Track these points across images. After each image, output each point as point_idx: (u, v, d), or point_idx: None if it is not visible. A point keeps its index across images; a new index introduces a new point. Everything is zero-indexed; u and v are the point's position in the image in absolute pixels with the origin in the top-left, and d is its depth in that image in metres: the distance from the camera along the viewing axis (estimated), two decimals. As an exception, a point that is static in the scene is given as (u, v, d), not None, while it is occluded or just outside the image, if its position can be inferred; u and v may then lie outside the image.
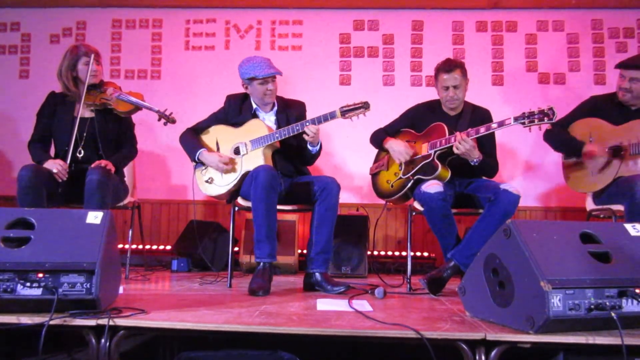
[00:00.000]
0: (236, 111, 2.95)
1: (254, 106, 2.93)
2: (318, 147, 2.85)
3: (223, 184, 2.85)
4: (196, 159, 2.89)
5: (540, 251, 1.60)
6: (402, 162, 2.85)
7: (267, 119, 2.94)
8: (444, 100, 2.90)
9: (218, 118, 2.99)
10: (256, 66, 2.78)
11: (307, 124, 2.70)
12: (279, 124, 2.91)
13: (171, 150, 4.28)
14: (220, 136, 2.94)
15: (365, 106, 2.64)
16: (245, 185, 2.77)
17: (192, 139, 2.94)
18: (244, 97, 2.98)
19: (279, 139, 2.76)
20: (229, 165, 2.81)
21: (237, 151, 2.86)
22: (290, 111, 2.95)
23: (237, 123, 2.92)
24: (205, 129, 2.99)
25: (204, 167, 2.93)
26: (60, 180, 2.70)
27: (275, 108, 2.97)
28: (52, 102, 2.95)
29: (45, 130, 2.93)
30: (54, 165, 2.69)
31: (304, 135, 2.71)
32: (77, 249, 1.74)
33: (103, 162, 2.76)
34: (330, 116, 2.69)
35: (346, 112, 2.66)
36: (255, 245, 2.60)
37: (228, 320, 1.74)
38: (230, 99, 3.00)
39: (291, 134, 2.73)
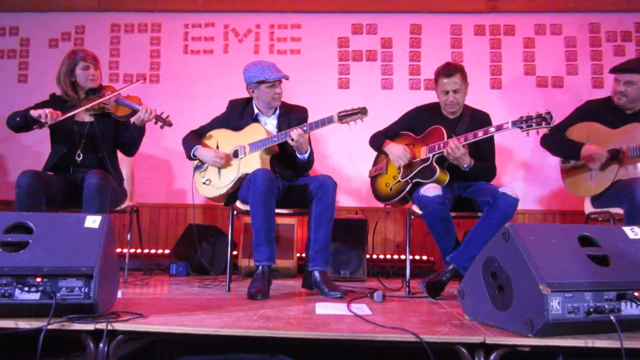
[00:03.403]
0: (238, 115, 2.97)
1: (256, 111, 2.95)
2: (307, 154, 2.83)
3: (220, 185, 2.86)
4: (192, 155, 2.92)
5: (539, 254, 1.60)
6: (401, 165, 2.85)
7: (269, 123, 2.96)
8: (443, 105, 2.90)
9: (220, 122, 3.01)
10: (265, 70, 2.79)
11: (305, 128, 2.70)
12: (280, 128, 2.92)
13: (169, 154, 4.28)
14: (220, 139, 2.96)
15: (362, 111, 2.61)
16: (243, 188, 2.78)
17: (192, 139, 2.98)
18: (246, 102, 2.99)
19: (277, 142, 2.76)
20: (224, 161, 2.83)
21: (235, 154, 2.86)
22: (292, 116, 2.95)
23: (238, 127, 2.93)
24: (208, 132, 3.02)
25: (202, 169, 2.95)
26: (45, 123, 2.62)
27: (277, 112, 2.97)
28: (51, 102, 2.94)
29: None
30: (40, 112, 2.62)
31: (289, 140, 2.69)
32: (76, 253, 1.73)
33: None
34: (328, 121, 2.67)
35: (344, 117, 2.64)
36: (254, 249, 2.60)
37: (227, 324, 1.74)
38: (233, 103, 3.03)
39: (286, 139, 2.72)
